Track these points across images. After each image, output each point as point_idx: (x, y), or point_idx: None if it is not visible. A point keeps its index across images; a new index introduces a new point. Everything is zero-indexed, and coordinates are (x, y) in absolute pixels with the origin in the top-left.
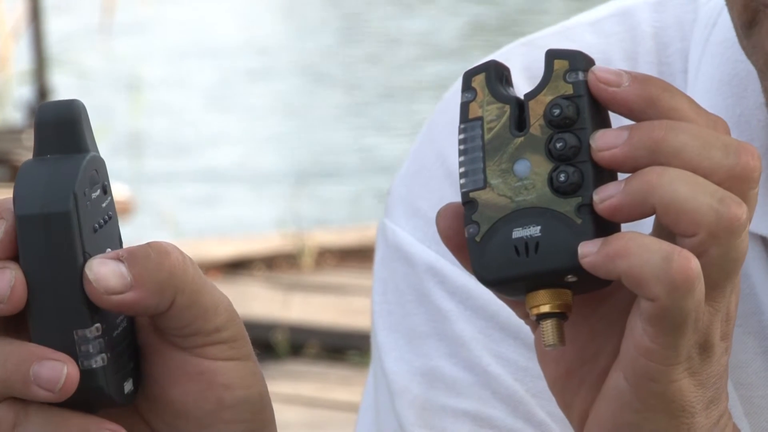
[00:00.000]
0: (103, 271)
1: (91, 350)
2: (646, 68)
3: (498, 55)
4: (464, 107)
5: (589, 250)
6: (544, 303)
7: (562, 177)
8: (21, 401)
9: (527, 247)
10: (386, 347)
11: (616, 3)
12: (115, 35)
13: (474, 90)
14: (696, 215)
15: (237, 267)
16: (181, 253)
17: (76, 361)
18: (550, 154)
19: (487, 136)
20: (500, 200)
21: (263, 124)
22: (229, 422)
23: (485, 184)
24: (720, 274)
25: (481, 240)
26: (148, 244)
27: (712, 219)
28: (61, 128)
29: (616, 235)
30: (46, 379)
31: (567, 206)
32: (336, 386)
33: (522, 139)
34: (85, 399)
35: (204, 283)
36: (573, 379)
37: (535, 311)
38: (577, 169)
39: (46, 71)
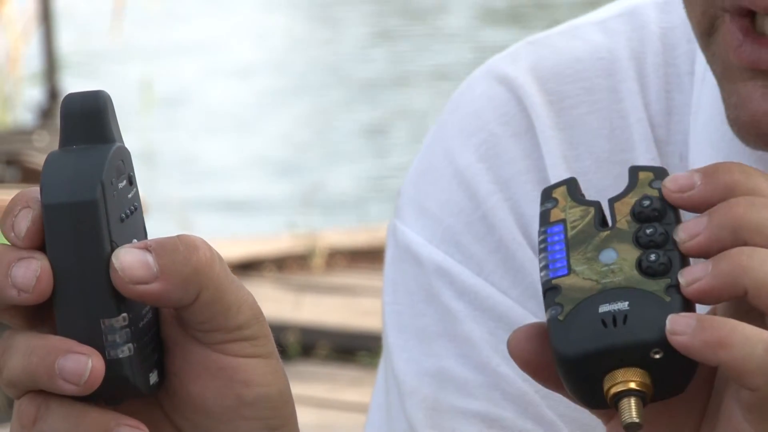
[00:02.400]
0: (129, 260)
1: (118, 340)
2: (653, 69)
3: (506, 55)
4: (545, 214)
5: (681, 329)
6: (623, 380)
7: (653, 257)
8: (43, 395)
9: (615, 319)
10: (396, 348)
11: (623, 2)
12: (127, 43)
13: (555, 199)
14: None
15: (247, 268)
16: (210, 248)
17: (103, 350)
18: (638, 243)
19: (570, 233)
20: (586, 283)
21: (275, 127)
22: (248, 419)
23: (569, 272)
24: None
25: (564, 318)
26: (177, 236)
27: None
28: (87, 119)
29: (714, 321)
30: (71, 372)
31: (656, 286)
32: (346, 387)
33: (608, 232)
34: (111, 389)
35: (230, 280)
36: None
37: (614, 390)
38: (666, 253)
39: (56, 73)
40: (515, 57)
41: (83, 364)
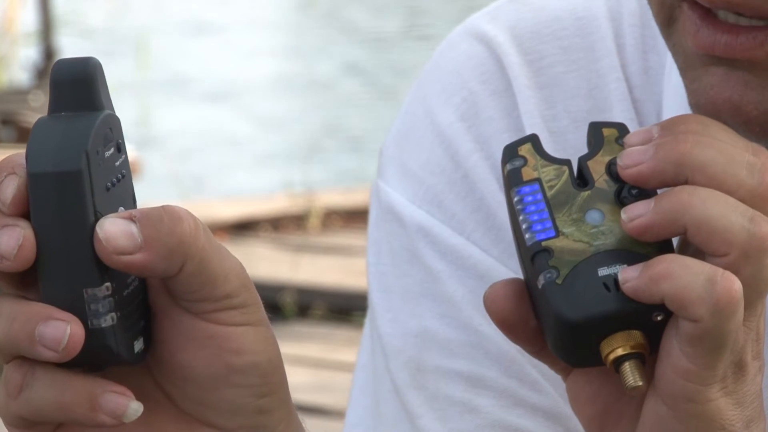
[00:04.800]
0: (114, 231)
1: (101, 309)
2: (629, 29)
3: (486, 13)
4: (515, 173)
5: (630, 275)
6: (623, 344)
7: None
8: (29, 362)
9: (616, 282)
10: (380, 308)
11: None
12: (122, 3)
13: (523, 158)
14: (728, 235)
15: (243, 228)
16: (194, 219)
17: (86, 320)
18: (622, 203)
19: (549, 193)
20: (578, 245)
21: (274, 84)
22: (237, 386)
23: (557, 233)
24: (752, 293)
25: (563, 282)
26: (162, 207)
27: (744, 238)
28: (76, 86)
29: (657, 258)
30: (50, 338)
31: (648, 248)
32: (342, 347)
33: (589, 192)
34: (94, 358)
35: (216, 250)
36: (610, 416)
37: (614, 355)
38: None
39: (52, 32)
40: (495, 15)
41: (62, 330)
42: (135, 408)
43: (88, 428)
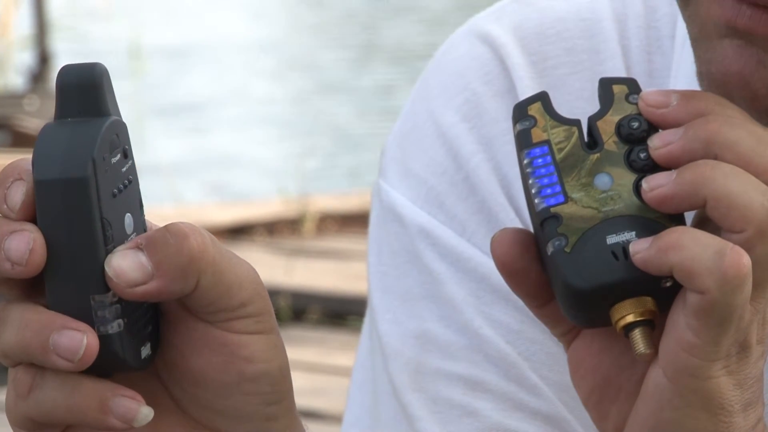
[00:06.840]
0: (123, 265)
1: (108, 316)
2: (634, 31)
3: (490, 13)
4: (525, 134)
5: (641, 247)
6: (633, 312)
7: None
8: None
9: (625, 251)
10: (380, 309)
11: None
12: (116, 6)
13: (532, 117)
14: (747, 212)
15: (238, 232)
16: (200, 232)
17: (93, 326)
18: (631, 166)
19: (558, 156)
20: (586, 212)
21: (268, 90)
22: (248, 394)
23: (566, 199)
24: (764, 273)
25: (571, 250)
26: (165, 227)
27: (763, 217)
28: (83, 91)
29: (668, 230)
30: (66, 348)
31: (657, 213)
32: (337, 351)
33: (598, 155)
34: (101, 364)
35: (227, 259)
36: (610, 389)
37: (623, 322)
38: None
39: (47, 37)
40: (499, 15)
41: (78, 340)
42: (145, 413)
43: None
